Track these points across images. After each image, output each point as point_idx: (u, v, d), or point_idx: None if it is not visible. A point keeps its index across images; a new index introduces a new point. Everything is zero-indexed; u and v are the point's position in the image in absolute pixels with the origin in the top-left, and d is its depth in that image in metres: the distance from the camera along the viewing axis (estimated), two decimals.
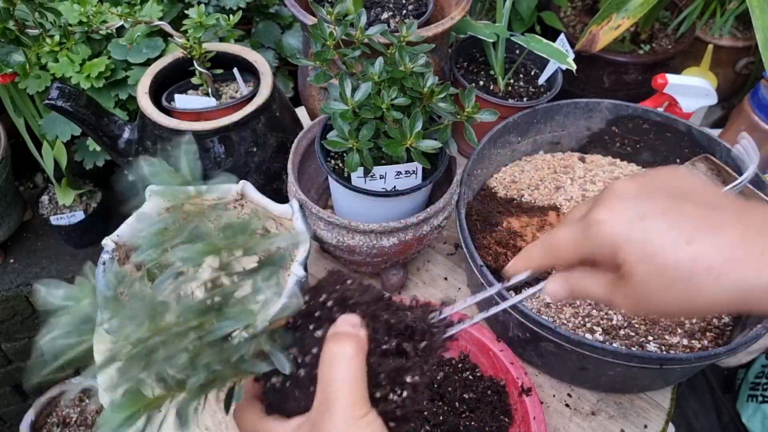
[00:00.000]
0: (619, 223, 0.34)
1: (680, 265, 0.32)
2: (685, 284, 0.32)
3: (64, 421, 1.26)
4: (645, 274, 0.33)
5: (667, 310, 0.34)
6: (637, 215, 0.34)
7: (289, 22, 1.08)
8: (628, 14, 0.85)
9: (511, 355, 0.65)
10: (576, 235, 0.36)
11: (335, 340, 0.34)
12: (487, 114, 0.62)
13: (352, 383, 0.32)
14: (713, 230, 0.32)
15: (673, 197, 0.34)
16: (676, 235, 0.32)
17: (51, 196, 1.10)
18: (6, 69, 0.81)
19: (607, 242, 0.34)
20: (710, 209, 0.33)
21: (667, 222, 0.33)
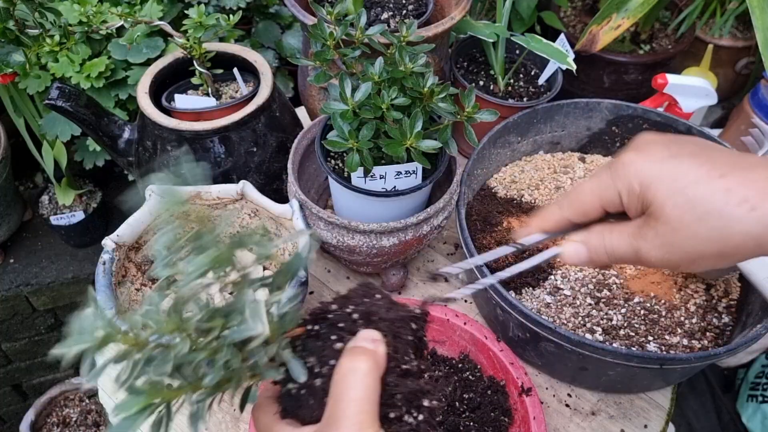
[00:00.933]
0: (649, 160, 0.33)
1: (713, 197, 0.31)
2: (719, 217, 0.31)
3: (64, 421, 1.26)
4: (677, 209, 0.32)
5: (699, 250, 0.32)
6: (668, 154, 0.33)
7: (289, 22, 1.08)
8: (628, 14, 0.85)
9: (511, 355, 0.65)
10: (602, 180, 0.35)
11: (351, 354, 0.32)
12: (487, 114, 0.62)
13: (362, 401, 0.31)
14: (744, 167, 0.31)
15: (700, 145, 0.34)
16: (709, 169, 0.32)
17: (51, 196, 1.10)
18: (6, 69, 0.81)
19: (637, 180, 0.33)
20: (738, 154, 0.33)
21: (698, 160, 0.32)
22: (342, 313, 0.36)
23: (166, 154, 0.73)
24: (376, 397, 0.32)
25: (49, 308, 1.15)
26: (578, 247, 0.37)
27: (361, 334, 0.34)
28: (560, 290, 0.69)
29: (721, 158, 0.32)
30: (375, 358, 0.32)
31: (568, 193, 0.38)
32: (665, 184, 0.32)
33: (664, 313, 0.67)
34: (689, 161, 0.32)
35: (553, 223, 0.38)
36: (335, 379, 0.32)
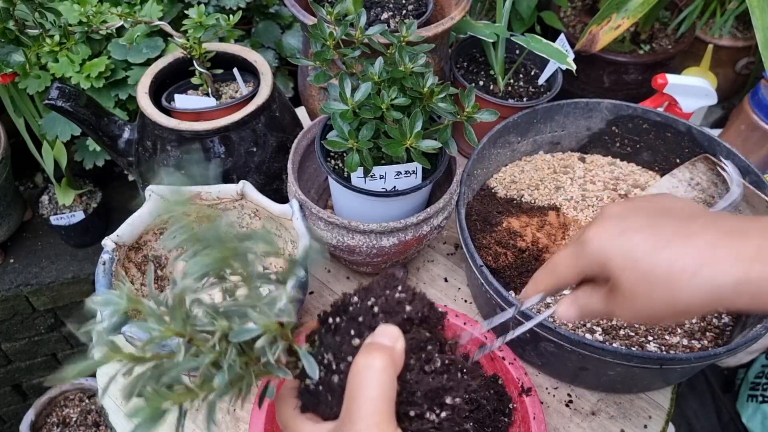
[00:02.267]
0: (605, 238, 0.38)
1: (659, 267, 0.35)
2: (665, 285, 0.35)
3: (64, 421, 1.26)
4: (630, 281, 0.36)
5: (655, 314, 0.37)
6: (619, 230, 0.38)
7: (289, 22, 1.08)
8: (628, 14, 0.85)
9: (511, 355, 0.65)
10: (572, 254, 0.41)
11: (367, 350, 0.32)
12: (487, 114, 0.62)
13: (376, 398, 0.30)
14: (687, 237, 0.35)
15: (652, 215, 0.38)
16: (653, 242, 0.36)
17: (51, 196, 1.10)
18: (6, 69, 0.81)
19: (597, 257, 0.38)
20: (685, 220, 0.37)
21: (645, 233, 0.37)
22: (363, 306, 0.35)
23: (166, 154, 0.73)
24: (392, 394, 0.31)
25: (49, 308, 1.15)
26: (569, 308, 0.43)
27: (380, 329, 0.34)
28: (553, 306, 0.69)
29: (668, 227, 0.36)
30: (391, 355, 0.32)
31: (548, 266, 0.43)
32: (618, 260, 0.37)
33: None
34: (638, 236, 0.37)
35: (544, 289, 0.44)
36: (351, 376, 0.32)
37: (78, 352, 1.28)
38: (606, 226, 0.39)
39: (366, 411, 0.30)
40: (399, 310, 0.35)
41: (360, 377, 0.31)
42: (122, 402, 0.69)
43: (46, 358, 1.25)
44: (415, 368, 0.33)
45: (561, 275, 0.42)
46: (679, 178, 0.79)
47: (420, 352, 0.34)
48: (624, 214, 0.39)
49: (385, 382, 0.31)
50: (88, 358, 0.26)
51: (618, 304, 0.38)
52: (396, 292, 0.36)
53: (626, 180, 0.83)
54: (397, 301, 0.35)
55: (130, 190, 1.20)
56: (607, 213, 0.41)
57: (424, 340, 0.35)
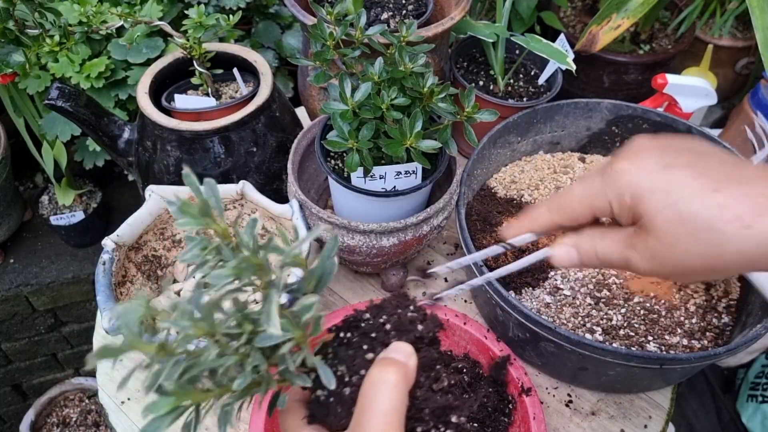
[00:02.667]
0: (642, 171, 0.32)
1: (707, 213, 0.30)
2: (712, 233, 0.30)
3: (64, 421, 1.26)
4: (668, 223, 0.31)
5: (689, 264, 0.32)
6: (662, 165, 0.32)
7: (289, 22, 1.08)
8: (627, 14, 0.85)
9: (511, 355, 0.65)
10: (593, 187, 0.34)
11: (381, 364, 0.32)
12: (487, 114, 0.62)
13: (388, 412, 0.30)
14: (740, 182, 0.30)
15: (696, 153, 0.33)
16: (703, 183, 0.31)
17: (51, 196, 1.10)
18: (6, 69, 0.81)
19: (629, 191, 0.32)
20: (735, 165, 0.32)
21: (692, 171, 0.31)
22: (375, 322, 0.36)
23: (166, 154, 0.73)
24: (403, 409, 0.31)
25: (49, 308, 1.15)
26: (569, 251, 0.37)
27: (393, 345, 0.33)
28: (560, 290, 0.69)
29: (718, 169, 0.31)
30: (405, 370, 0.32)
31: (558, 196, 0.37)
32: (657, 197, 0.31)
33: (664, 313, 0.67)
34: (683, 173, 0.31)
35: (542, 224, 0.38)
36: (363, 389, 0.32)
37: (78, 352, 1.28)
38: (642, 159, 0.33)
39: (377, 423, 0.30)
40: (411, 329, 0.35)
41: (373, 390, 0.31)
42: (121, 403, 0.69)
43: (46, 358, 1.26)
44: (424, 386, 0.34)
45: (570, 210, 0.35)
46: None
47: (429, 371, 0.35)
48: (664, 148, 0.33)
49: (396, 397, 0.31)
50: None
51: (643, 251, 0.33)
52: (408, 311, 0.36)
53: None
54: (410, 320, 0.35)
55: (130, 190, 1.20)
56: (641, 145, 0.34)
57: (433, 359, 0.35)
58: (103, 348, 0.25)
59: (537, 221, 0.38)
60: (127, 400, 0.69)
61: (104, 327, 0.57)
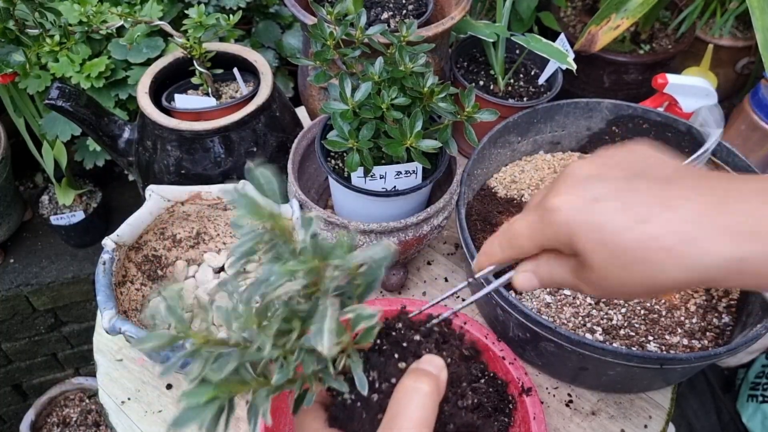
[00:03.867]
0: (571, 208, 0.33)
1: (635, 246, 0.31)
2: (642, 265, 0.31)
3: (64, 421, 1.26)
4: (602, 260, 0.32)
5: (629, 292, 0.33)
6: (590, 199, 0.32)
7: (289, 22, 1.08)
8: (627, 14, 0.85)
9: (511, 355, 0.65)
10: (533, 225, 0.35)
11: (415, 374, 0.32)
12: (487, 114, 0.62)
13: (420, 421, 0.31)
14: (668, 207, 0.30)
15: (627, 175, 0.33)
16: (628, 215, 0.31)
17: (51, 196, 1.10)
18: (6, 69, 0.81)
19: (563, 230, 0.33)
20: (666, 183, 0.32)
21: (619, 202, 0.32)
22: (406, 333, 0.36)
23: (166, 154, 0.73)
24: (433, 420, 0.31)
25: (49, 308, 1.15)
26: (530, 276, 0.38)
27: (427, 358, 0.34)
28: (560, 290, 0.69)
29: (646, 195, 0.31)
30: (437, 383, 0.32)
31: (505, 234, 0.38)
32: (588, 234, 0.32)
33: (664, 313, 0.67)
34: (612, 206, 0.32)
35: (499, 260, 0.39)
36: (396, 396, 0.32)
37: (78, 352, 1.28)
38: (572, 194, 0.33)
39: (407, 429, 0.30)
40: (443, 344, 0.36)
41: (406, 398, 0.31)
42: (121, 403, 0.69)
43: (46, 358, 1.26)
44: (451, 401, 0.34)
45: (519, 247, 0.37)
46: None
47: (456, 387, 0.35)
48: (592, 177, 0.34)
49: (428, 406, 0.31)
50: None
51: (586, 281, 0.34)
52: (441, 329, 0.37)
53: None
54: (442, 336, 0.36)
55: (130, 190, 1.20)
56: (572, 175, 0.35)
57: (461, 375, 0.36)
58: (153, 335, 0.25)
59: (493, 258, 0.39)
60: (128, 400, 0.69)
61: (104, 327, 0.57)
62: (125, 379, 0.71)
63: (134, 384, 0.70)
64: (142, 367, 0.71)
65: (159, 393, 0.69)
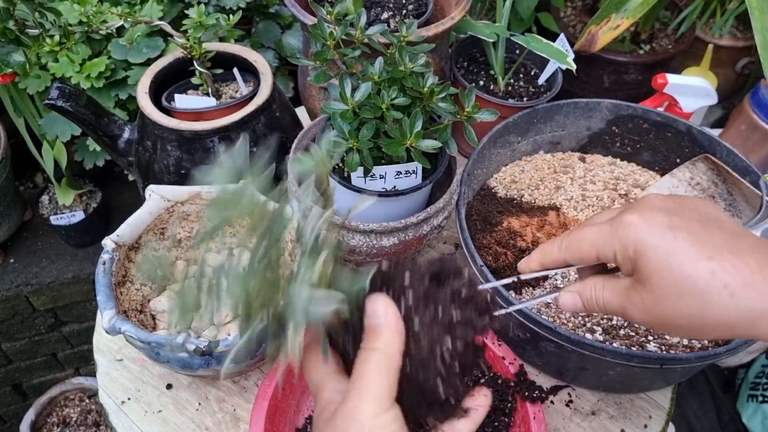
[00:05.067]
0: (648, 228, 0.35)
1: (698, 277, 0.33)
2: (699, 297, 0.33)
3: (64, 421, 1.26)
4: (662, 282, 0.34)
5: (676, 323, 0.35)
6: (667, 225, 0.35)
7: (289, 22, 1.08)
8: (627, 14, 0.85)
9: (511, 355, 0.65)
10: (602, 234, 0.37)
11: (368, 332, 0.34)
12: (487, 114, 0.62)
13: (377, 378, 0.32)
14: (735, 253, 0.33)
15: (702, 219, 0.35)
16: (699, 250, 0.33)
17: (51, 196, 1.10)
18: (6, 69, 0.81)
19: (633, 245, 0.35)
20: (734, 235, 0.34)
21: (693, 237, 0.34)
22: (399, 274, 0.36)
23: (166, 154, 0.73)
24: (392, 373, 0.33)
25: (49, 308, 1.15)
26: (575, 297, 0.41)
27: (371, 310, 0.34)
28: (560, 290, 0.69)
29: (717, 238, 0.34)
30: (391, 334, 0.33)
31: (569, 237, 0.40)
32: (657, 256, 0.34)
33: None
34: (685, 237, 0.34)
35: (552, 261, 0.41)
36: (360, 354, 0.33)
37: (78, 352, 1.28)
38: (652, 216, 0.35)
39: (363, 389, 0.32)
40: None
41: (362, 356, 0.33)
42: (121, 402, 0.69)
43: (46, 358, 1.26)
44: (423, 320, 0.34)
45: (578, 251, 0.39)
46: (679, 177, 0.79)
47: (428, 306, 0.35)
48: (672, 210, 0.36)
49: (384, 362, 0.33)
50: None
51: (637, 303, 0.36)
52: None
53: (626, 180, 0.83)
54: None
55: (130, 190, 1.20)
56: (651, 203, 0.37)
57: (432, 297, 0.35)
58: None
59: (548, 257, 0.41)
60: (128, 400, 0.69)
61: (104, 327, 0.57)
62: (125, 379, 0.71)
63: (134, 384, 0.70)
64: (142, 367, 0.72)
65: (159, 393, 0.69)
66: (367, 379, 0.32)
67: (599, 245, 0.37)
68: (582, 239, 0.39)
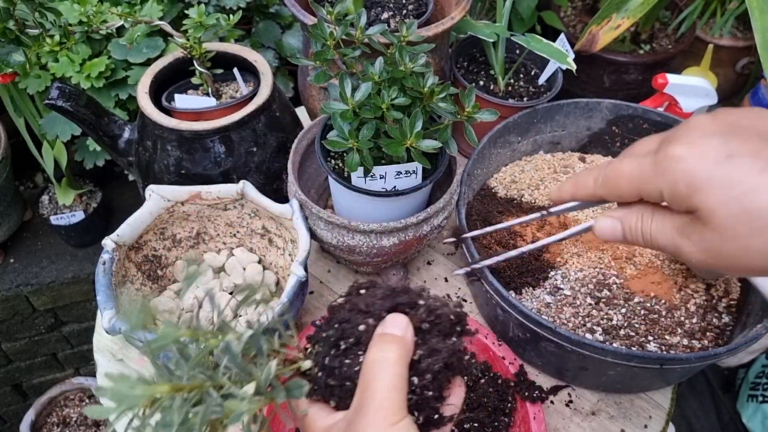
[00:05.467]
0: (701, 160, 0.30)
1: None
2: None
3: (64, 421, 1.26)
4: (730, 219, 0.29)
5: (747, 262, 0.30)
6: (724, 154, 0.29)
7: (289, 22, 1.08)
8: (628, 14, 0.85)
9: (511, 355, 0.65)
10: (644, 169, 0.32)
11: (380, 343, 0.32)
12: (487, 114, 0.62)
13: (391, 389, 0.31)
14: None
15: (764, 135, 0.30)
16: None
17: (51, 196, 1.10)
18: (6, 69, 0.81)
19: (684, 181, 0.30)
20: None
21: (759, 163, 0.29)
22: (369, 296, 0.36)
23: (166, 154, 0.73)
24: (404, 385, 0.32)
25: (49, 308, 1.15)
26: (614, 224, 0.35)
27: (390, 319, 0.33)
28: (560, 290, 0.69)
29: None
30: (404, 344, 0.32)
31: (604, 170, 0.35)
32: (718, 190, 0.29)
33: (665, 313, 0.67)
34: (749, 164, 0.29)
35: (587, 194, 0.36)
36: (364, 369, 0.32)
37: (78, 352, 1.28)
38: (702, 145, 0.30)
39: (379, 400, 0.30)
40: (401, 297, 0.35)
41: (374, 369, 0.31)
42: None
43: (46, 357, 1.26)
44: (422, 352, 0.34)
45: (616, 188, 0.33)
46: None
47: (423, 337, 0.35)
48: (727, 131, 0.30)
49: (398, 373, 0.31)
50: None
51: (698, 242, 0.31)
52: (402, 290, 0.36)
53: None
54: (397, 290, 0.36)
55: (130, 190, 1.20)
56: (701, 127, 0.31)
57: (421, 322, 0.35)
58: None
59: (582, 189, 0.36)
60: None
61: (104, 327, 0.57)
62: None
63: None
64: (142, 367, 0.71)
65: None
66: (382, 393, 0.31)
67: (641, 182, 0.32)
68: (621, 175, 0.33)
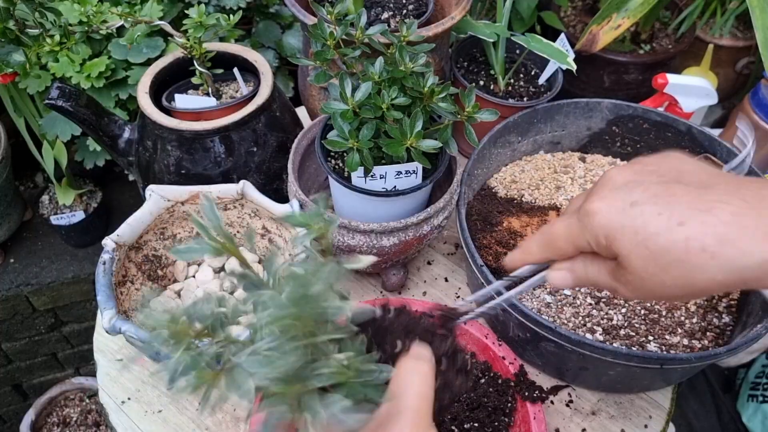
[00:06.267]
0: (611, 212, 0.34)
1: (673, 247, 0.32)
2: (681, 266, 0.32)
3: (64, 421, 1.26)
4: (640, 261, 0.33)
5: (668, 294, 0.34)
6: (629, 203, 0.34)
7: (290, 22, 1.08)
8: (628, 14, 0.85)
9: (511, 355, 0.65)
10: (572, 228, 0.37)
11: (414, 356, 0.35)
12: (488, 114, 0.62)
13: (424, 396, 0.33)
14: (705, 210, 0.32)
15: (664, 181, 0.34)
16: (667, 218, 0.32)
17: (51, 196, 1.10)
18: (6, 69, 0.81)
19: (602, 233, 0.34)
20: (702, 189, 0.33)
21: (657, 206, 0.33)
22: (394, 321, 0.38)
23: (166, 153, 0.73)
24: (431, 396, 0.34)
25: (49, 308, 1.15)
26: (564, 275, 0.39)
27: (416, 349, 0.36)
28: (560, 290, 0.69)
29: (683, 199, 0.32)
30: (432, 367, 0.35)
31: (544, 234, 0.39)
32: (628, 237, 0.33)
33: (665, 313, 0.67)
34: (650, 209, 0.33)
35: (535, 259, 0.40)
36: (398, 376, 0.34)
37: (78, 352, 1.28)
38: (611, 198, 0.35)
39: (414, 404, 0.33)
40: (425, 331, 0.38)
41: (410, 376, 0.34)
42: (121, 402, 0.69)
43: (46, 357, 1.26)
44: None
45: (557, 248, 0.38)
46: None
47: None
48: (631, 182, 0.35)
49: (428, 383, 0.34)
50: None
51: (625, 283, 0.35)
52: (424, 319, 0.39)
53: None
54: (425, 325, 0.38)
55: (130, 190, 1.20)
56: (611, 180, 0.36)
57: None
58: None
59: (530, 256, 0.41)
60: (128, 400, 0.69)
61: (104, 327, 0.57)
62: (125, 379, 0.71)
63: (134, 384, 0.70)
64: (142, 367, 0.71)
65: (159, 393, 0.69)
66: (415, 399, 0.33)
67: (573, 238, 0.37)
68: (556, 237, 0.38)
